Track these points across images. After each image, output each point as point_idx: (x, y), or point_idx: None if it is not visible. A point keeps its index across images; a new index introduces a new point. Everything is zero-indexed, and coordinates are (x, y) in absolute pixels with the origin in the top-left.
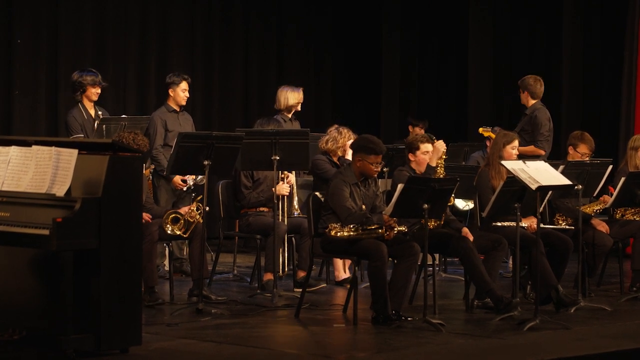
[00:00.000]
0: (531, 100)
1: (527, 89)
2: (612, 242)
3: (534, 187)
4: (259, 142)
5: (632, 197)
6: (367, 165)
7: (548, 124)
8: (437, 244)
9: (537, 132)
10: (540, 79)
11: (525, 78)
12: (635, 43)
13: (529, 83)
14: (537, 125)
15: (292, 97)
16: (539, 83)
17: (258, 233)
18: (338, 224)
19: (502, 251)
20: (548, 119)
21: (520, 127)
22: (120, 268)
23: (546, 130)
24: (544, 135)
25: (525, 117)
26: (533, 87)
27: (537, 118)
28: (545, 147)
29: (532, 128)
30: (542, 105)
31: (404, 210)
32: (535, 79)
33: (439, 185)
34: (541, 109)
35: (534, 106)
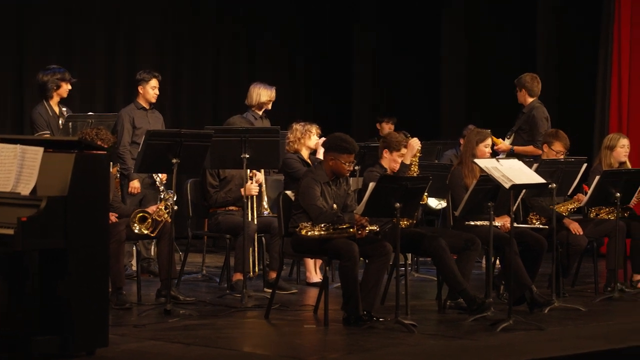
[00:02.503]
0: (529, 98)
1: (524, 86)
2: (586, 241)
3: (508, 186)
4: (229, 140)
5: (607, 196)
6: (340, 164)
7: (546, 122)
8: (409, 243)
9: (536, 132)
10: (537, 76)
11: (522, 76)
12: (610, 41)
13: (525, 81)
14: (535, 124)
15: (264, 94)
16: (535, 81)
17: (227, 232)
18: (309, 223)
19: (475, 251)
20: (546, 117)
21: (518, 126)
22: (87, 268)
23: (544, 129)
24: (542, 135)
25: (523, 115)
26: (530, 84)
27: (534, 117)
28: None
29: (529, 127)
30: (540, 104)
31: (375, 209)
32: (532, 77)
33: (411, 183)
34: (539, 108)
35: (531, 104)
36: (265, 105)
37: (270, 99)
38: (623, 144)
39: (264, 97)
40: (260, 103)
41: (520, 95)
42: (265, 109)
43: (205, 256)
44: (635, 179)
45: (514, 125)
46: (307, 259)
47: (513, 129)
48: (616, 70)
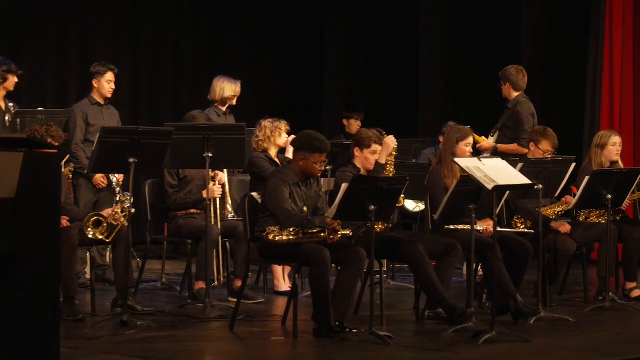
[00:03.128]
0: (514, 92)
1: (508, 80)
2: (575, 246)
3: (490, 187)
4: (190, 138)
5: (597, 197)
6: (311, 164)
7: (532, 119)
8: (384, 248)
9: (520, 129)
10: (523, 69)
11: (506, 69)
12: (601, 34)
13: (510, 73)
14: (520, 120)
15: (228, 89)
16: (521, 74)
17: (189, 237)
18: (277, 228)
19: (455, 257)
20: (532, 113)
21: (502, 122)
22: (36, 276)
23: (529, 127)
24: (527, 132)
25: (507, 111)
26: (515, 77)
27: (519, 113)
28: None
29: (514, 124)
30: (526, 99)
31: (348, 212)
32: (518, 69)
33: (386, 184)
34: (524, 103)
35: (516, 99)
36: (230, 101)
37: (235, 94)
38: (615, 141)
39: (228, 92)
40: (224, 98)
41: (505, 89)
42: (229, 105)
43: (165, 263)
44: (628, 179)
45: (498, 122)
46: (275, 265)
47: (497, 126)
48: (607, 64)
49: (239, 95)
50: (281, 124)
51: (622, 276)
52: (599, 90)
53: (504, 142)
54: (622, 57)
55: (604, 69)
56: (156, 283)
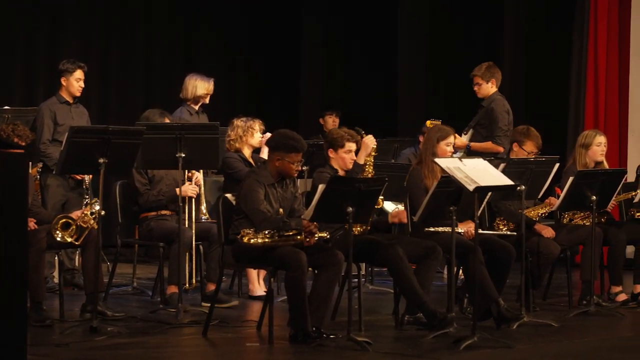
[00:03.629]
0: (488, 90)
1: (481, 77)
2: (559, 249)
3: (472, 188)
4: (162, 138)
5: (582, 199)
6: (287, 164)
7: (507, 116)
8: (363, 251)
9: (495, 126)
10: (496, 65)
11: (479, 66)
12: (585, 31)
13: (483, 72)
14: (495, 118)
15: (201, 87)
16: (494, 70)
17: (161, 240)
18: (251, 230)
19: (435, 260)
20: (507, 110)
21: (476, 120)
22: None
23: (505, 124)
24: (502, 130)
25: (482, 109)
26: (489, 75)
27: (493, 110)
28: (504, 143)
29: (489, 122)
30: (500, 96)
31: (325, 213)
32: (490, 66)
33: (365, 185)
34: (499, 100)
35: (491, 97)
36: (203, 99)
37: (208, 91)
38: (600, 141)
39: (201, 90)
40: (197, 96)
41: (482, 88)
42: (202, 103)
43: (136, 267)
44: (613, 180)
45: (472, 121)
46: (250, 269)
47: (470, 124)
48: (592, 62)
49: (212, 93)
50: (255, 123)
51: (607, 280)
52: (583, 88)
53: (478, 140)
54: (607, 54)
55: (588, 66)
56: (127, 287)
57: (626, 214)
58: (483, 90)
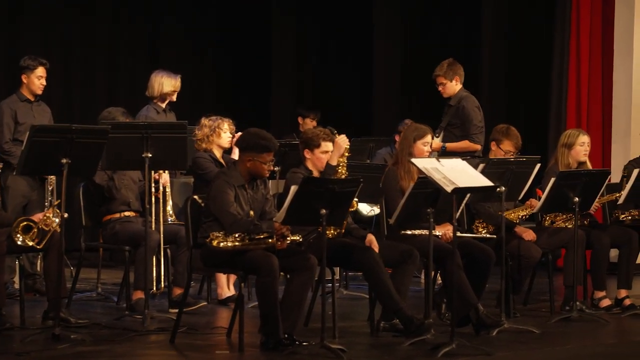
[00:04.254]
0: (454, 87)
1: (445, 76)
2: (540, 253)
3: (450, 189)
4: (128, 137)
5: (564, 200)
6: (259, 165)
7: (479, 112)
8: (337, 255)
9: (469, 125)
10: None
11: (441, 64)
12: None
13: (446, 70)
14: (467, 116)
15: (167, 84)
16: (457, 66)
17: (126, 244)
18: (221, 233)
19: (412, 264)
20: (477, 107)
21: (447, 121)
22: None
23: (478, 121)
24: (477, 127)
25: (450, 109)
26: (452, 73)
27: (465, 108)
28: (481, 140)
29: (461, 121)
30: (467, 92)
31: (298, 216)
32: (452, 63)
33: (339, 187)
34: (467, 97)
35: (458, 95)
36: (169, 97)
37: (175, 89)
38: (583, 141)
39: (168, 87)
40: (163, 94)
41: (449, 87)
42: (169, 101)
43: (101, 271)
44: (596, 181)
45: (442, 122)
46: (219, 274)
47: (441, 125)
48: (574, 58)
49: (179, 90)
50: (223, 122)
51: (591, 284)
52: (565, 86)
53: (452, 140)
54: (590, 51)
55: (570, 63)
56: (91, 293)
57: (610, 217)
58: (448, 90)
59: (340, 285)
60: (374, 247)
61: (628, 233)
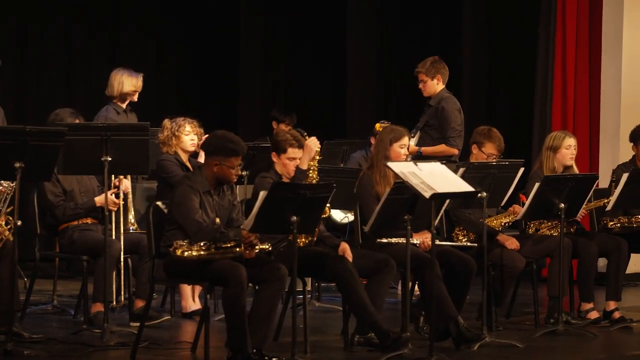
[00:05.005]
0: (435, 87)
1: (426, 74)
2: (524, 262)
3: (428, 195)
4: (86, 139)
5: (549, 207)
6: (226, 169)
7: (459, 115)
8: (308, 265)
9: (447, 127)
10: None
11: (424, 61)
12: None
13: (427, 68)
14: (446, 118)
15: (128, 83)
16: (441, 65)
17: (84, 253)
18: (185, 242)
19: (388, 274)
20: (458, 109)
21: (424, 122)
22: None
23: (457, 124)
24: (455, 130)
25: (430, 109)
26: (434, 71)
27: (444, 110)
28: (458, 144)
29: (439, 122)
30: (449, 93)
31: (267, 223)
32: (435, 61)
33: (310, 192)
34: (448, 98)
35: (439, 95)
36: (130, 97)
37: (136, 88)
38: (569, 144)
39: (128, 87)
40: (124, 94)
41: (429, 86)
42: (130, 101)
43: (57, 283)
44: (583, 186)
45: (419, 122)
46: (184, 285)
47: (418, 125)
48: (560, 56)
49: (140, 90)
50: (185, 124)
51: (577, 296)
52: (550, 85)
53: (427, 143)
54: (576, 48)
55: (555, 61)
56: (46, 306)
57: (598, 224)
58: (429, 88)
59: (312, 297)
60: (347, 256)
61: (617, 241)
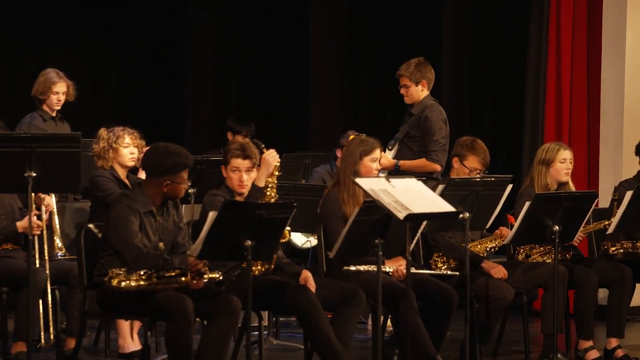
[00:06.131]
0: (419, 93)
1: (410, 78)
2: (513, 293)
3: (402, 216)
4: (6, 152)
5: (541, 229)
6: (178, 187)
7: (444, 127)
8: (265, 297)
9: (430, 140)
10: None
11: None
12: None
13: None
14: (429, 129)
15: (57, 87)
16: (426, 68)
17: (4, 284)
18: (123, 270)
19: (357, 307)
20: (444, 119)
21: (404, 132)
22: None
23: (442, 137)
24: (439, 144)
25: (411, 118)
26: (419, 75)
27: (428, 120)
28: (441, 160)
29: (421, 133)
30: (434, 101)
31: (217, 248)
32: (420, 63)
33: (267, 213)
34: (433, 106)
35: (423, 103)
36: (59, 102)
37: (65, 94)
38: (564, 157)
39: (58, 89)
40: (51, 98)
41: (405, 91)
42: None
43: None
44: (581, 205)
45: (398, 132)
46: (121, 320)
47: (397, 137)
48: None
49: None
50: (124, 135)
51: (574, 332)
52: (543, 88)
53: (407, 156)
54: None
55: (549, 62)
56: None
57: (598, 249)
58: (412, 94)
59: (269, 334)
60: (310, 286)
61: (619, 269)
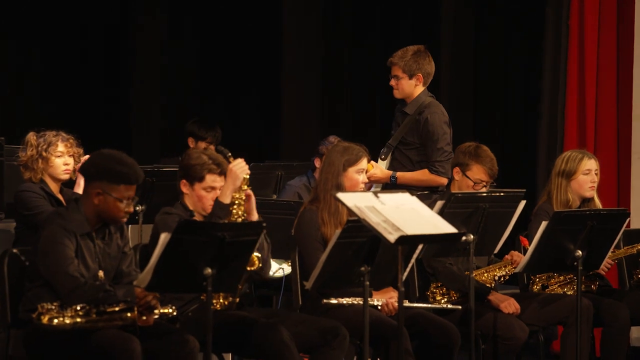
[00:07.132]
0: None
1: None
2: (527, 332)
3: (393, 239)
4: None
5: (561, 255)
6: (112, 202)
7: (448, 131)
8: (228, 336)
9: (433, 147)
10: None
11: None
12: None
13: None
14: (431, 135)
15: None
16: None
17: None
18: (55, 304)
19: (339, 348)
20: (447, 122)
21: (399, 138)
22: None
23: (446, 143)
24: (444, 152)
25: (406, 119)
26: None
27: (428, 123)
28: (447, 171)
29: (421, 140)
30: (432, 98)
31: (171, 278)
32: (419, 52)
33: (231, 235)
34: (434, 107)
35: (419, 100)
36: None
37: None
38: (588, 167)
39: None
40: None
41: (396, 83)
42: None
43: None
44: (609, 226)
45: (391, 138)
46: None
47: (390, 143)
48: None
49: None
50: (58, 140)
51: None
52: (563, 86)
53: (405, 166)
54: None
55: (569, 52)
56: None
57: (630, 279)
58: (403, 88)
59: None
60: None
61: None
